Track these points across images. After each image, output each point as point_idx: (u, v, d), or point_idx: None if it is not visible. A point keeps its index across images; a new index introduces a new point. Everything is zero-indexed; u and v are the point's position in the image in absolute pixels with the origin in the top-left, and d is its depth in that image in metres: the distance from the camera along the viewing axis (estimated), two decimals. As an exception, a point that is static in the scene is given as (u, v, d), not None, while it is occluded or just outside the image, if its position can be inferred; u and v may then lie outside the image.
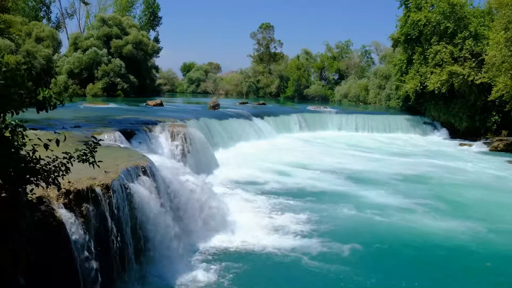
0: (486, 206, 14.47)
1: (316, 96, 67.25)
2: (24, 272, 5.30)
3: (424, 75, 33.26)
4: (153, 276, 8.06)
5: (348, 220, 12.22)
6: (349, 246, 10.05)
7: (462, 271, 9.41)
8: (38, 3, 64.22)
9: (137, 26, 57.35)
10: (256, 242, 10.03)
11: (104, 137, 12.35)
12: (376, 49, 69.37)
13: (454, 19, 31.90)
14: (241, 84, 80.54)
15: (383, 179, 17.66)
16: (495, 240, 11.05)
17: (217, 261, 9.06)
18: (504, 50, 26.31)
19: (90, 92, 48.16)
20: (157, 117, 19.78)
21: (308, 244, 10.06)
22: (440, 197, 15.08)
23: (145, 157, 9.72)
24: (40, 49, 49.35)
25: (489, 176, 19.73)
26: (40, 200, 5.89)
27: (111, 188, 7.22)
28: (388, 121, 35.62)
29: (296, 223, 11.57)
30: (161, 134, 16.22)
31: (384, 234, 11.22)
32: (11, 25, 33.54)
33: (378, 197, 14.74)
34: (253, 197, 14.01)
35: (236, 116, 27.10)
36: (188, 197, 10.13)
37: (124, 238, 7.43)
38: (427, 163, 22.04)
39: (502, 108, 29.90)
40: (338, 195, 14.87)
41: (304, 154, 22.70)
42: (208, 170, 16.60)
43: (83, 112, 21.70)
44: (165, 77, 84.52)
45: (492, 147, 28.17)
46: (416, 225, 11.96)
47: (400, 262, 9.69)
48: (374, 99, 54.37)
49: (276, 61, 78.07)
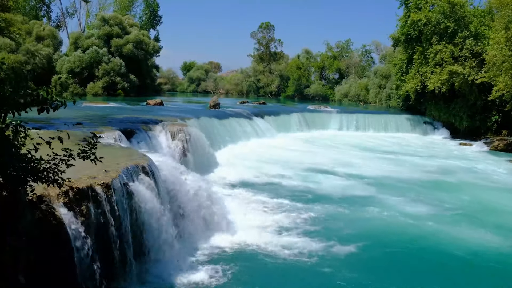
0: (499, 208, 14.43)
1: (317, 95, 67.22)
2: (24, 271, 5.30)
3: (425, 75, 33.25)
4: (153, 275, 8.06)
5: (348, 220, 12.21)
6: (349, 247, 10.07)
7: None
8: (38, 2, 64.25)
9: (138, 25, 57.32)
10: (256, 242, 10.03)
11: (105, 136, 12.35)
12: (376, 49, 69.42)
13: (454, 18, 31.88)
14: (241, 84, 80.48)
15: (383, 178, 17.66)
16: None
17: (216, 261, 9.05)
18: (504, 49, 26.29)
19: (91, 91, 48.19)
20: (157, 116, 19.77)
21: (308, 245, 10.05)
22: (439, 198, 15.11)
23: (145, 156, 9.72)
24: (41, 48, 49.41)
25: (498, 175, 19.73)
26: (40, 199, 5.90)
27: (111, 187, 7.22)
28: (388, 121, 35.62)
29: (296, 223, 11.56)
30: (161, 133, 16.22)
31: (379, 232, 11.24)
32: (12, 24, 33.53)
33: (377, 194, 14.83)
34: (253, 196, 14.00)
35: (236, 115, 27.09)
36: (188, 196, 10.12)
37: (124, 237, 7.43)
38: (427, 163, 22.04)
39: (502, 108, 29.88)
40: (338, 195, 14.85)
41: (304, 154, 22.68)
42: (208, 169, 16.60)
43: (83, 111, 21.68)
44: (165, 77, 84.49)
45: (492, 147, 28.17)
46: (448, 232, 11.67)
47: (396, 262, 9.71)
48: (375, 99, 54.35)
49: (276, 61, 78.01)
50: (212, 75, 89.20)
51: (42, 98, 4.85)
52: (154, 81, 61.07)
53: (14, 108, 4.83)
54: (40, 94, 4.83)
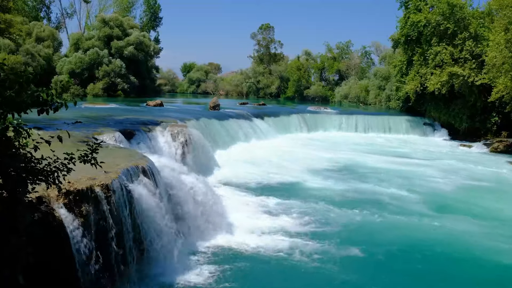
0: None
1: (317, 96, 67.22)
2: (24, 272, 5.30)
3: (424, 76, 33.26)
4: (152, 276, 8.07)
5: (348, 220, 12.21)
6: (350, 248, 10.08)
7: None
8: (38, 3, 64.29)
9: (138, 27, 57.41)
10: (256, 243, 10.03)
11: (104, 137, 12.37)
12: (376, 50, 69.50)
13: (454, 20, 31.89)
14: (241, 85, 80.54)
15: (382, 176, 17.68)
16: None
17: (216, 261, 9.06)
18: (504, 51, 26.30)
19: (91, 92, 48.28)
20: (157, 117, 19.79)
21: (309, 246, 10.05)
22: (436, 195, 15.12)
23: (145, 157, 9.73)
24: (40, 49, 49.46)
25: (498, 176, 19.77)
26: (40, 200, 5.90)
27: (111, 188, 7.23)
28: (388, 122, 35.63)
29: (295, 224, 11.57)
30: (161, 134, 16.24)
31: (379, 233, 11.24)
32: (12, 25, 33.54)
33: (377, 196, 14.80)
34: (253, 197, 14.01)
35: (236, 116, 27.10)
36: (187, 197, 10.14)
37: (123, 238, 7.44)
38: (427, 164, 22.04)
39: (502, 109, 29.87)
40: (339, 196, 14.87)
41: (304, 155, 22.69)
42: (207, 171, 16.61)
43: (83, 112, 21.69)
44: (165, 78, 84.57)
45: (492, 148, 28.15)
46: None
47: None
48: (374, 100, 54.36)
49: (276, 62, 78.07)
50: (212, 76, 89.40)
51: (42, 99, 4.84)
52: (154, 82, 61.12)
53: (15, 110, 4.83)
54: (41, 95, 4.83)
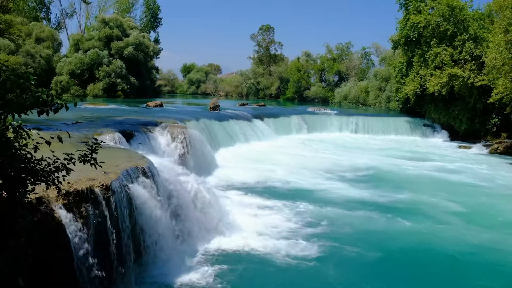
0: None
1: (316, 97, 67.21)
2: (23, 273, 5.29)
3: (424, 78, 33.29)
4: (152, 276, 8.06)
5: (347, 220, 12.21)
6: (351, 249, 10.08)
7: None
8: (38, 3, 64.32)
9: (138, 27, 57.42)
10: (256, 244, 10.02)
11: (104, 138, 12.36)
12: (376, 51, 69.42)
13: (454, 21, 31.93)
14: (241, 86, 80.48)
15: (381, 177, 17.68)
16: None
17: (216, 262, 9.05)
18: (504, 52, 26.32)
19: (91, 92, 48.29)
20: (157, 118, 19.77)
21: (309, 247, 10.04)
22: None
23: (145, 158, 9.72)
24: (40, 49, 49.46)
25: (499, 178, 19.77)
26: (39, 200, 5.89)
27: (111, 189, 7.22)
28: (388, 123, 35.62)
29: (296, 226, 11.56)
30: (161, 135, 16.22)
31: (378, 233, 11.24)
32: (11, 25, 33.55)
33: (376, 197, 14.84)
34: (253, 198, 14.00)
35: (236, 117, 27.10)
36: (187, 198, 10.13)
37: (123, 239, 7.43)
38: (425, 165, 22.04)
39: (502, 111, 29.92)
40: (339, 195, 14.88)
41: (304, 156, 22.68)
42: (207, 171, 16.60)
43: (83, 113, 21.70)
44: (165, 78, 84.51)
45: (491, 150, 28.15)
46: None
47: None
48: (374, 101, 54.34)
49: (276, 63, 78.01)
50: (212, 77, 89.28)
51: (42, 100, 4.84)
52: (154, 83, 61.11)
53: (15, 111, 4.82)
54: (41, 96, 4.82)
